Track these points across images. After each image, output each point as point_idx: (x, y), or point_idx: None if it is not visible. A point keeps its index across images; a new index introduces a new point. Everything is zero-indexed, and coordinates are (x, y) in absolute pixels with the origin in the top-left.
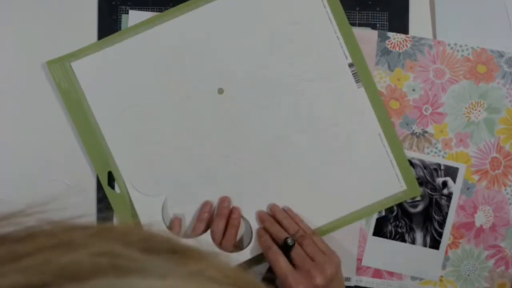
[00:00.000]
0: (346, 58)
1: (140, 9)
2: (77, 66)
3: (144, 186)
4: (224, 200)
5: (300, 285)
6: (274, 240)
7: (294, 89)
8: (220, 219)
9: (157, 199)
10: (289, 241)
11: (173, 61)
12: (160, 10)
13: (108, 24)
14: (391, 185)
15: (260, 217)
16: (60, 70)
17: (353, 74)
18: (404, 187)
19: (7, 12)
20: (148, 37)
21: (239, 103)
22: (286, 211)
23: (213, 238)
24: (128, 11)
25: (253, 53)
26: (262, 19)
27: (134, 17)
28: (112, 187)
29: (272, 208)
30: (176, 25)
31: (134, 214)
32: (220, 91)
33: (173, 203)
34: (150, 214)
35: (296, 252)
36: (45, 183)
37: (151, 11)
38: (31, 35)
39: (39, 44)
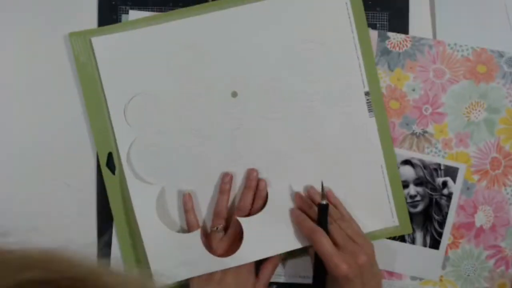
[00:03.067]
0: (364, 86)
1: (140, 9)
2: (97, 42)
3: (142, 173)
4: (252, 171)
5: (345, 263)
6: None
7: (306, 106)
8: (249, 191)
9: (153, 188)
10: (324, 202)
11: (193, 56)
12: (160, 10)
13: (108, 24)
14: (384, 219)
15: (297, 198)
16: (81, 43)
17: (367, 102)
18: (397, 223)
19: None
20: (172, 28)
21: (250, 110)
22: (327, 194)
23: (241, 211)
24: (128, 11)
25: (273, 62)
26: (288, 31)
27: (134, 17)
28: (110, 169)
29: (309, 190)
30: (202, 22)
31: (126, 199)
32: (234, 94)
33: (169, 196)
34: (144, 201)
35: (336, 230)
36: (45, 181)
37: (151, 11)
38: (28, 30)
39: (36, 42)
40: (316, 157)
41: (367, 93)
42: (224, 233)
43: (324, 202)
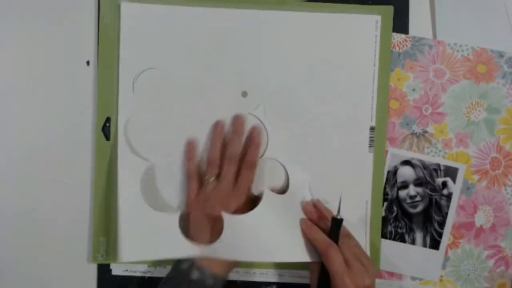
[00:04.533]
0: (371, 120)
1: None
2: (126, 7)
3: (136, 145)
4: (239, 116)
5: (354, 284)
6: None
7: (310, 125)
8: (235, 137)
9: (143, 162)
10: (339, 217)
11: (215, 47)
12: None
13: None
14: None
15: (308, 208)
16: (110, 4)
17: (370, 138)
18: None
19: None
20: (202, 14)
21: (256, 112)
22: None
23: (230, 159)
24: None
25: (289, 74)
26: (312, 47)
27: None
28: (105, 135)
29: (317, 203)
30: (232, 16)
31: (112, 169)
32: (244, 94)
33: (157, 174)
34: (130, 173)
35: (347, 247)
36: (45, 180)
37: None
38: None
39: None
40: (311, 179)
41: (372, 128)
42: (216, 182)
43: (339, 216)
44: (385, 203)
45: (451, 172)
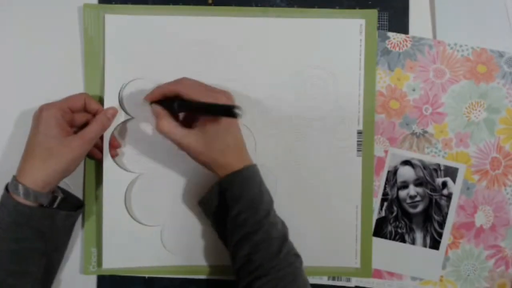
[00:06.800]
0: (358, 124)
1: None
2: (110, 19)
3: (123, 159)
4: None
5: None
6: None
7: (299, 130)
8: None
9: (128, 174)
10: (237, 110)
11: (200, 55)
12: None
13: None
14: (346, 258)
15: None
16: (93, 17)
17: (358, 142)
18: (358, 265)
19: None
20: (186, 23)
21: (244, 120)
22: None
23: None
24: None
25: (276, 80)
26: (299, 53)
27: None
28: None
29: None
30: (217, 24)
31: (102, 179)
32: None
33: (141, 186)
34: (116, 184)
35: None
36: None
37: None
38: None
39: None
40: (297, 181)
41: (359, 132)
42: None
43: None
44: (385, 203)
45: (451, 172)
